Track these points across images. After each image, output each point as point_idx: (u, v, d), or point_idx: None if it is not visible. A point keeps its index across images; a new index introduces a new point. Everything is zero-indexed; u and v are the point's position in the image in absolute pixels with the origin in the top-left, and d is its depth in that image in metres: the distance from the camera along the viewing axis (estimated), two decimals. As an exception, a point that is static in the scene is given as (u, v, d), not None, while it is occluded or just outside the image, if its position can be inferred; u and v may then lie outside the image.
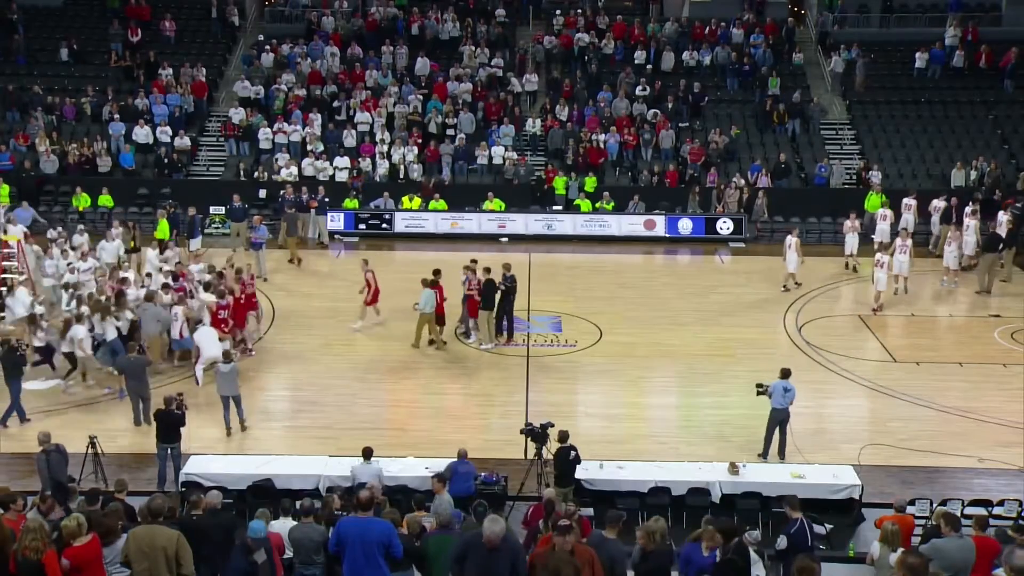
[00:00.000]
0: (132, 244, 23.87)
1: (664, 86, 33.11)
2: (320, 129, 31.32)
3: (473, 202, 29.20)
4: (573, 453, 13.45)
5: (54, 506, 10.54)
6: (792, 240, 24.05)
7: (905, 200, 27.40)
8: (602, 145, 31.11)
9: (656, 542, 9.56)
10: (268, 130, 31.20)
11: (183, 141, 31.09)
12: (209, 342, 17.83)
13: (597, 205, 29.03)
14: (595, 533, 10.13)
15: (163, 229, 24.81)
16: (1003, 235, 24.81)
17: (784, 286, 24.05)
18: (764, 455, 15.40)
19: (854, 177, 30.35)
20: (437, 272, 20.08)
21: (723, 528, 9.96)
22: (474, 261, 20.56)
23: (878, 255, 22.81)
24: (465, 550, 8.90)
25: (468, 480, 13.51)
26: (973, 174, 29.84)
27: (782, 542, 10.91)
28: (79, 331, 17.44)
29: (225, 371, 16.11)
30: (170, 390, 16.12)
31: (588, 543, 9.61)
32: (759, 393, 15.23)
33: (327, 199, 27.93)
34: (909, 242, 23.28)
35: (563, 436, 13.55)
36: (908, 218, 26.99)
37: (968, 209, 25.73)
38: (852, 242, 25.35)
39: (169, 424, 14.42)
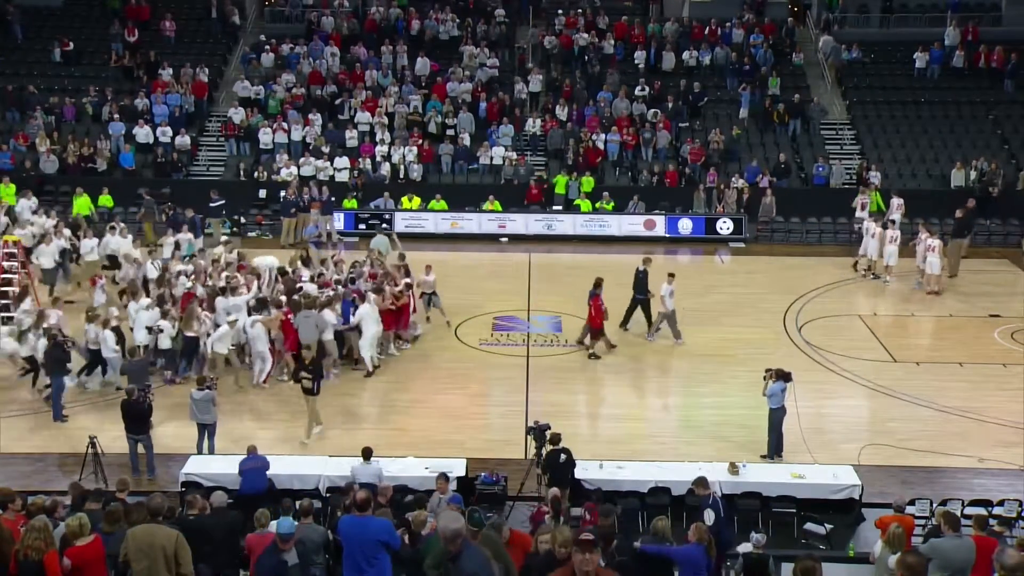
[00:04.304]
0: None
1: (664, 86, 33.12)
2: (320, 129, 31.31)
3: (473, 202, 29.20)
4: (563, 456, 13.39)
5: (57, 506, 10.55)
6: (876, 229, 24.69)
7: (894, 200, 27.45)
8: (602, 145, 31.11)
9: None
10: (268, 130, 31.20)
11: (183, 141, 31.09)
12: (262, 337, 17.93)
13: (597, 205, 29.03)
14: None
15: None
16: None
17: (873, 275, 24.92)
18: (770, 456, 15.41)
19: (854, 177, 30.36)
20: (598, 284, 19.78)
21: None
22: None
23: (930, 240, 23.47)
24: (441, 558, 8.79)
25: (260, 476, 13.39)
26: (973, 174, 29.85)
27: (709, 516, 11.09)
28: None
29: (198, 398, 14.93)
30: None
31: None
32: (766, 377, 15.32)
33: (332, 198, 27.96)
34: (937, 247, 23.36)
35: (555, 439, 13.52)
36: (895, 218, 26.89)
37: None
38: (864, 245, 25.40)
39: (134, 415, 14.49)
